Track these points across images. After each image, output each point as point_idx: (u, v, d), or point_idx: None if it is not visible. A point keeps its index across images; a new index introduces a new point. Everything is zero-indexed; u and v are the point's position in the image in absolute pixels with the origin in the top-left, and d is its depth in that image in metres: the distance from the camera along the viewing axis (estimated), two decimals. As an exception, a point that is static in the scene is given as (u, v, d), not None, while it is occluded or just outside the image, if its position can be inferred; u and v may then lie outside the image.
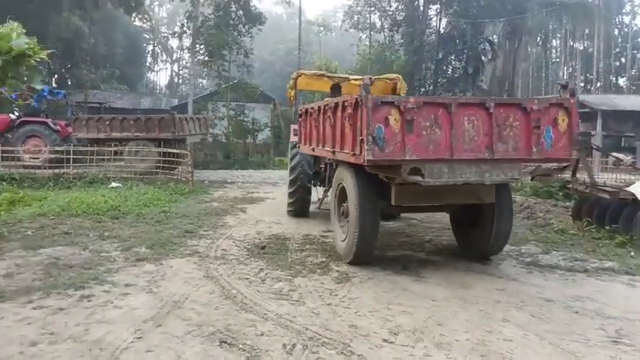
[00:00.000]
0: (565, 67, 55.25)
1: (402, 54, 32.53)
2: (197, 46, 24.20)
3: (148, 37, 58.72)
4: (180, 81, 62.76)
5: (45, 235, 7.31)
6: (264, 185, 15.74)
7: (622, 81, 52.31)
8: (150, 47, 61.39)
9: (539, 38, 44.67)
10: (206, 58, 25.02)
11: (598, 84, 47.02)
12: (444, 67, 32.70)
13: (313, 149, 7.67)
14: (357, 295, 5.05)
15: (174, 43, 56.91)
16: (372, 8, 33.64)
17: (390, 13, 32.93)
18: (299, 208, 9.71)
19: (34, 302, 4.52)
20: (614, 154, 17.84)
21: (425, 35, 31.17)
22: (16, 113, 18.31)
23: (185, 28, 24.84)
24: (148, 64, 63.88)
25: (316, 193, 10.02)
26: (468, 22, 29.51)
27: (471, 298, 4.97)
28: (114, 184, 13.94)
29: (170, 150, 15.54)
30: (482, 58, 32.51)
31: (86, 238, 7.23)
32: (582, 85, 50.54)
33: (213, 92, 32.32)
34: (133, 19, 36.93)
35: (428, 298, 4.97)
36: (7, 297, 4.64)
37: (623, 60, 51.68)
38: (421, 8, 31.56)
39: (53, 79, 42.11)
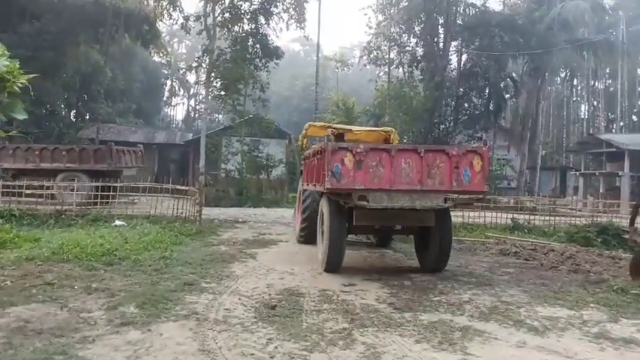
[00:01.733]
0: (586, 106, 54.17)
1: (421, 90, 31.80)
2: (212, 80, 23.66)
3: (166, 72, 59.18)
4: (197, 115, 62.74)
5: (24, 287, 6.31)
6: (277, 225, 14.73)
7: (646, 120, 50.92)
8: (168, 82, 61.80)
9: (559, 77, 43.81)
10: (221, 92, 24.50)
11: (621, 123, 45.73)
12: (466, 104, 31.75)
13: (308, 185, 9.59)
14: (390, 382, 3.95)
15: (191, 77, 57.27)
16: (392, 44, 33.12)
17: (409, 49, 32.36)
18: (309, 234, 10.58)
19: (-26, 391, 3.51)
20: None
21: (446, 71, 30.40)
22: None
23: (201, 62, 24.39)
24: (165, 98, 64.29)
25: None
26: (491, 59, 28.72)
27: (540, 393, 3.83)
28: (117, 223, 13.07)
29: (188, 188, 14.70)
30: (505, 95, 31.57)
31: (70, 291, 6.22)
32: (604, 124, 49.30)
33: (227, 127, 31.76)
34: (151, 54, 36.82)
35: (483, 391, 3.84)
36: (-58, 382, 3.63)
37: (646, 99, 50.40)
38: (440, 44, 30.92)
39: (71, 113, 42.20)
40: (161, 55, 38.88)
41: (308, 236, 10.64)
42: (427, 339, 4.97)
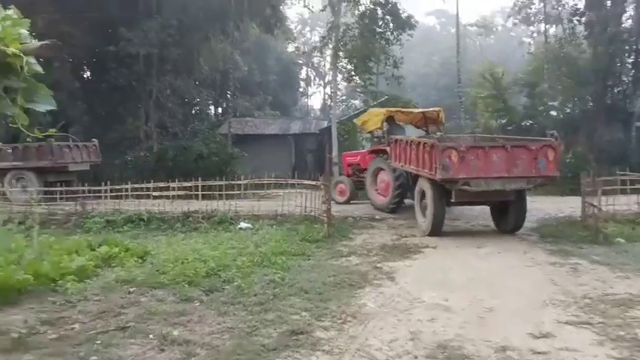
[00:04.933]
0: None
1: (586, 47, 26.51)
2: (341, 59, 21.67)
3: (300, 62, 59.05)
4: (333, 103, 61.99)
5: (88, 336, 4.77)
6: (422, 222, 12.23)
7: None
8: (302, 72, 61.73)
9: None
10: (351, 73, 22.41)
11: None
12: (646, 60, 25.65)
13: (402, 165, 11.89)
14: None
15: (325, 64, 56.31)
16: (546, -5, 28.10)
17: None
18: (398, 203, 13.38)
19: None
20: None
21: (620, 21, 24.74)
22: None
23: (327, 41, 22.50)
24: (301, 89, 64.40)
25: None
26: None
27: None
28: (242, 225, 11.86)
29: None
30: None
31: (138, 346, 4.53)
32: None
33: (361, 110, 29.72)
34: (275, 37, 35.58)
35: None
36: None
37: None
38: (610, -10, 25.28)
39: (219, 109, 43.46)
40: (289, 40, 37.92)
41: (398, 206, 13.38)
42: None
